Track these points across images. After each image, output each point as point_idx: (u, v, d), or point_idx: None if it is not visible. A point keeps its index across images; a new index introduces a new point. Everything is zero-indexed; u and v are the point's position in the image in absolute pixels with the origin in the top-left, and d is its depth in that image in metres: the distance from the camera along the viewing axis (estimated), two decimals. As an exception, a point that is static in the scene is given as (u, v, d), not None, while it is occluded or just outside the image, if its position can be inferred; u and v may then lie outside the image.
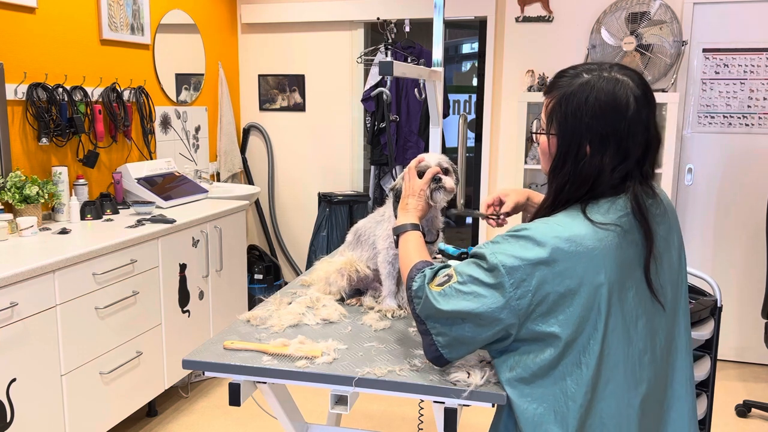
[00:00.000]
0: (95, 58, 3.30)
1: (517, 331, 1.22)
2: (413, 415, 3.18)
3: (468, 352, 1.32)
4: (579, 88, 1.24)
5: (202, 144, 4.28)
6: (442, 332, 1.29)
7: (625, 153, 1.22)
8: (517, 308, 1.19)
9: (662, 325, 1.29)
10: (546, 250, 1.18)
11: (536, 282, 1.18)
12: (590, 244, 1.18)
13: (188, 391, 3.42)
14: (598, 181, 1.24)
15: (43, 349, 2.28)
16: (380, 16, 4.15)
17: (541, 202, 1.34)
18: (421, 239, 1.51)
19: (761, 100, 3.70)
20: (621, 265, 1.20)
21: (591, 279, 1.17)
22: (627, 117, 1.21)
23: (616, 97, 1.22)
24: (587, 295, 1.17)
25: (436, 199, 1.65)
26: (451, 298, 1.25)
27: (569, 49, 3.96)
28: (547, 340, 1.20)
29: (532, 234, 1.21)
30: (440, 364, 1.36)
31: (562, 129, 1.26)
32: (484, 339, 1.25)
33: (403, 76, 2.52)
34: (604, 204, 1.24)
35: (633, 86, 1.23)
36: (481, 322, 1.23)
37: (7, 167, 2.75)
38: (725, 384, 3.62)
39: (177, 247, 3.04)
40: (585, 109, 1.23)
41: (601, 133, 1.22)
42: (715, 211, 3.85)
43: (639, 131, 1.22)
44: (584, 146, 1.23)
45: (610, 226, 1.20)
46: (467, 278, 1.25)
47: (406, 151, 4.31)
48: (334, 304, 1.82)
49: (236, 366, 1.46)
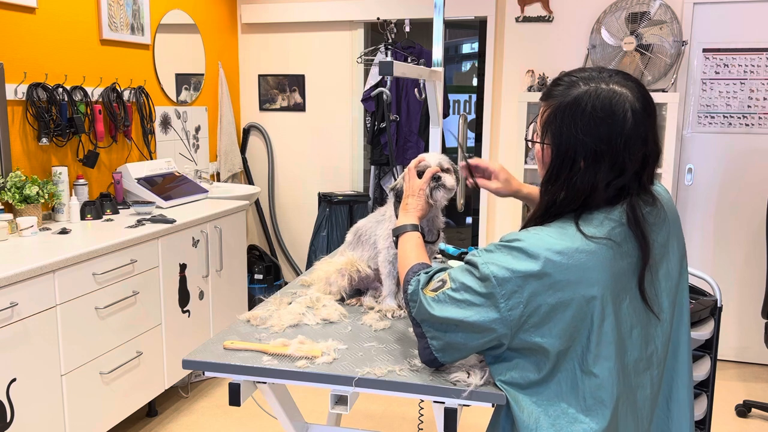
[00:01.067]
0: (95, 58, 3.30)
1: (510, 340, 1.22)
2: (413, 415, 3.18)
3: (461, 357, 1.34)
4: (574, 101, 1.20)
5: (202, 144, 4.28)
6: (436, 336, 1.30)
7: (621, 168, 1.19)
8: (509, 319, 1.19)
9: (658, 333, 1.28)
10: (538, 263, 1.16)
11: (528, 294, 1.17)
12: (582, 257, 1.16)
13: (188, 391, 3.42)
14: (591, 196, 1.21)
15: (43, 349, 2.28)
16: (380, 16, 4.15)
17: (533, 211, 1.32)
18: (420, 240, 1.51)
19: (761, 100, 3.70)
20: (614, 276, 1.19)
21: (583, 291, 1.16)
22: (623, 132, 1.17)
23: (613, 112, 1.17)
24: (579, 307, 1.17)
25: (436, 197, 1.64)
26: (444, 304, 1.26)
27: (569, 49, 3.96)
28: (540, 351, 1.20)
29: (524, 246, 1.19)
30: (434, 365, 1.38)
31: (557, 141, 1.23)
32: (476, 346, 1.26)
33: (403, 76, 2.52)
34: (598, 216, 1.21)
35: (632, 99, 1.19)
36: (473, 330, 1.23)
37: (7, 167, 2.75)
38: (725, 384, 3.62)
39: (177, 247, 3.04)
40: (580, 124, 1.19)
41: (595, 149, 1.18)
42: (715, 211, 3.85)
43: (636, 146, 1.19)
44: (579, 161, 1.20)
45: (602, 240, 1.18)
46: (460, 285, 1.24)
47: (406, 151, 4.31)
48: (334, 304, 1.82)
49: (236, 366, 1.46)
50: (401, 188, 1.70)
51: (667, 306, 1.30)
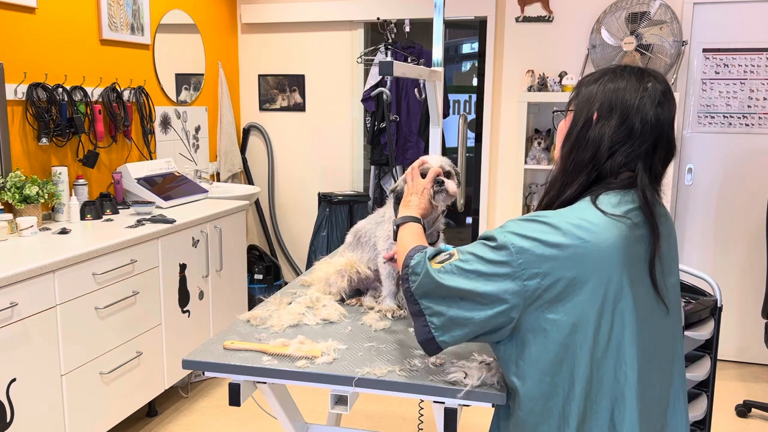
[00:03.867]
0: (95, 58, 3.30)
1: (520, 314, 1.18)
2: (413, 415, 3.18)
3: (462, 338, 1.25)
4: (602, 70, 1.31)
5: (202, 144, 4.28)
6: (437, 312, 1.25)
7: (630, 129, 1.22)
8: (523, 290, 1.17)
9: (666, 329, 1.28)
10: (559, 233, 1.16)
11: (547, 266, 1.15)
12: (603, 233, 1.17)
13: (188, 391, 3.42)
14: (599, 152, 1.24)
15: (43, 349, 2.28)
16: (380, 16, 4.15)
17: (552, 178, 1.33)
18: (421, 230, 1.49)
19: (761, 100, 3.70)
20: (631, 258, 1.18)
21: (603, 268, 1.15)
22: (639, 93, 1.23)
23: (634, 80, 1.25)
24: (597, 285, 1.15)
25: (437, 201, 1.65)
26: (452, 275, 1.22)
27: (569, 49, 3.96)
28: (551, 330, 1.17)
29: (545, 218, 1.19)
30: (431, 348, 1.29)
31: (579, 99, 1.30)
32: (481, 321, 1.20)
33: (403, 76, 2.52)
34: (614, 196, 1.23)
35: (661, 78, 1.27)
36: (482, 301, 1.19)
37: (7, 167, 2.75)
38: (725, 384, 3.62)
39: (177, 247, 3.04)
40: (602, 80, 1.27)
41: (610, 99, 1.24)
42: (715, 211, 3.85)
43: (649, 115, 1.22)
44: (593, 113, 1.25)
45: (621, 218, 1.19)
46: (470, 257, 1.22)
47: (406, 151, 4.31)
48: (334, 304, 1.82)
49: (236, 366, 1.46)
50: (401, 190, 1.70)
51: (673, 300, 1.29)
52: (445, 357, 1.49)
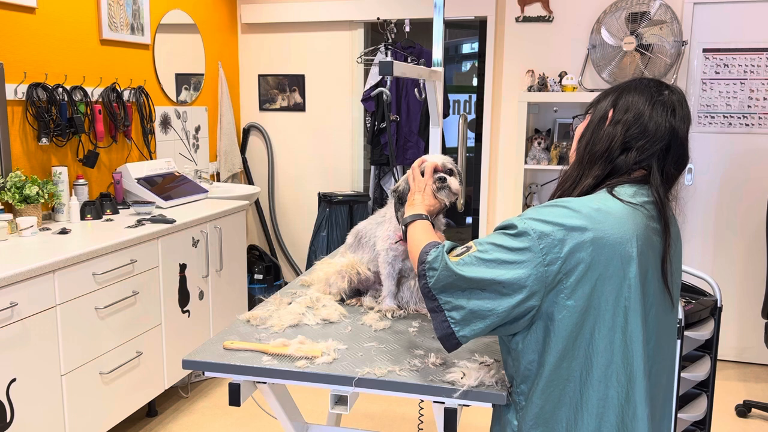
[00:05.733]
0: (95, 58, 3.30)
1: (540, 302, 1.18)
2: (413, 415, 3.18)
3: (483, 331, 1.23)
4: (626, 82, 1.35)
5: (202, 144, 4.28)
6: (456, 306, 1.23)
7: (643, 129, 1.25)
8: (544, 275, 1.17)
9: (670, 323, 1.29)
10: (580, 217, 1.18)
11: (568, 249, 1.16)
12: (622, 218, 1.19)
13: (188, 391, 3.42)
14: (613, 145, 1.26)
15: (43, 349, 2.28)
16: (380, 16, 4.15)
17: (567, 172, 1.36)
18: (430, 226, 1.49)
19: (761, 100, 3.70)
20: (647, 246, 1.21)
21: (621, 252, 1.17)
22: (654, 99, 1.26)
23: (652, 89, 1.29)
24: (616, 269, 1.17)
25: (441, 196, 1.64)
26: (471, 266, 1.21)
27: (569, 49, 3.96)
28: (569, 316, 1.17)
29: (565, 203, 1.22)
30: (450, 344, 1.26)
31: (597, 101, 1.35)
32: (503, 311, 1.19)
33: (403, 76, 2.52)
34: (629, 188, 1.25)
35: (678, 93, 1.31)
36: (503, 291, 1.18)
37: (7, 167, 2.75)
38: (725, 384, 3.62)
39: (177, 247, 3.04)
40: (621, 86, 1.33)
41: (627, 100, 1.28)
42: (715, 211, 3.85)
43: (662, 119, 1.25)
44: (608, 111, 1.30)
45: (638, 206, 1.22)
46: (489, 246, 1.22)
47: (406, 151, 4.31)
48: (334, 305, 1.82)
49: (236, 366, 1.46)
50: (403, 190, 1.70)
51: (676, 298, 1.31)
52: (446, 357, 1.49)
